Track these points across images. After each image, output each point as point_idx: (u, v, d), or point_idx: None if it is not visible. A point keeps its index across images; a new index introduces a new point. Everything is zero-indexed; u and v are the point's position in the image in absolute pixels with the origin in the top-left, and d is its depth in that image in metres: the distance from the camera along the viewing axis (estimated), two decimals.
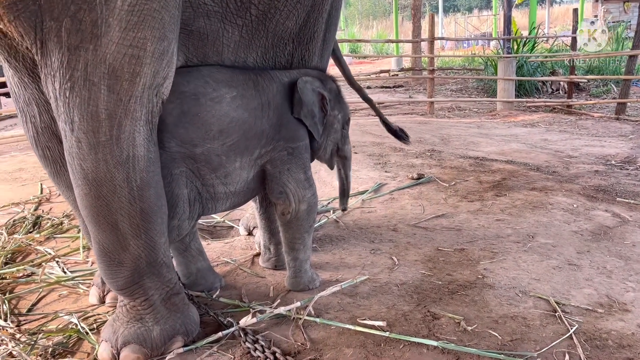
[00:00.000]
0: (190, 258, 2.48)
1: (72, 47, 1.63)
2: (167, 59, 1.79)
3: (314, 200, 2.42)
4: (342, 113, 2.58)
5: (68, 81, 1.66)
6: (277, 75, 2.34)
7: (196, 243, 2.51)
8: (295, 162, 2.34)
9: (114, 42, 1.66)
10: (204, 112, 2.08)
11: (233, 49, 2.18)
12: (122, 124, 1.73)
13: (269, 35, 2.26)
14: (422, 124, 7.00)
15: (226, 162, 2.15)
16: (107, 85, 1.68)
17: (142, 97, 1.76)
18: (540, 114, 8.16)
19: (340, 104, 2.57)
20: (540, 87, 10.23)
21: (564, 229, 3.15)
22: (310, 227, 2.45)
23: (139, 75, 1.72)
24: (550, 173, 4.43)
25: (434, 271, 2.64)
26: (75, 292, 2.58)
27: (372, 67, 16.90)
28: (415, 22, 13.75)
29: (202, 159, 2.10)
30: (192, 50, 2.07)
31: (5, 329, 2.18)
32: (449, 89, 11.46)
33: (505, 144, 5.66)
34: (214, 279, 2.54)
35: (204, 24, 2.03)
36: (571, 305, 2.28)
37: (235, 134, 2.14)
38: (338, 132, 2.58)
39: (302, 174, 2.36)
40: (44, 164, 2.16)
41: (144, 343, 1.95)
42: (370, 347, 2.00)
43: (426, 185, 4.11)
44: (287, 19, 2.26)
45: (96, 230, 1.86)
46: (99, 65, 1.66)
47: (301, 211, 2.38)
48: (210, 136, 2.09)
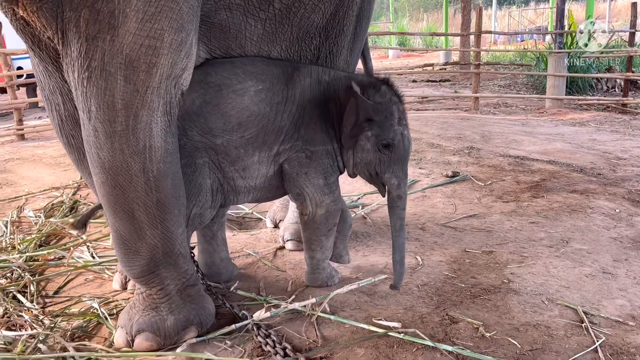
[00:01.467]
0: (215, 247, 2.51)
1: (90, 37, 1.66)
2: (185, 50, 1.79)
3: (334, 206, 2.32)
4: (377, 132, 2.20)
5: (86, 70, 1.69)
6: (317, 72, 2.26)
7: (222, 233, 2.55)
8: (314, 166, 2.24)
9: (131, 32, 1.67)
10: (224, 103, 2.09)
11: (256, 42, 2.17)
12: (139, 114, 1.74)
13: (294, 29, 2.23)
14: (464, 120, 6.82)
15: (244, 155, 2.15)
16: (123, 75, 1.69)
17: (160, 88, 1.76)
18: (592, 113, 7.81)
19: (380, 122, 2.19)
20: (595, 84, 9.78)
21: (602, 234, 3.00)
22: (328, 231, 2.37)
23: (156, 66, 1.73)
24: (594, 175, 4.23)
25: (458, 273, 2.56)
26: (101, 277, 2.65)
27: (419, 60, 16.63)
28: (465, 15, 13.38)
29: (222, 151, 2.12)
30: (214, 42, 2.08)
31: (30, 310, 2.26)
32: (497, 84, 11.12)
33: (549, 143, 5.44)
34: (233, 268, 2.59)
35: (225, 16, 2.03)
36: (600, 316, 2.16)
37: (254, 127, 2.13)
38: (369, 153, 2.23)
39: (322, 179, 2.27)
40: (68, 151, 2.22)
41: (157, 332, 1.97)
42: (382, 348, 1.95)
43: (461, 183, 4.01)
44: (312, 13, 2.23)
45: (114, 219, 1.89)
46: (116, 55, 1.67)
47: (318, 215, 2.31)
48: (229, 128, 2.10)
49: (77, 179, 4.30)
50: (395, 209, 2.26)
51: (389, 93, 2.22)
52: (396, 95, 2.25)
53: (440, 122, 6.61)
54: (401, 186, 2.25)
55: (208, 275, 2.47)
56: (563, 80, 8.45)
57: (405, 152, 2.25)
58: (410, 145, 2.27)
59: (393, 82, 2.28)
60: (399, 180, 2.25)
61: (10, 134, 6.74)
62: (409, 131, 2.28)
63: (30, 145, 6.17)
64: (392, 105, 2.21)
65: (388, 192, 2.27)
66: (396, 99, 2.23)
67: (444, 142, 5.42)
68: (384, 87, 2.22)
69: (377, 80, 2.28)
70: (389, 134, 2.19)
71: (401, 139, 2.22)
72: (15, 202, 3.90)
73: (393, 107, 2.20)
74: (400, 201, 2.25)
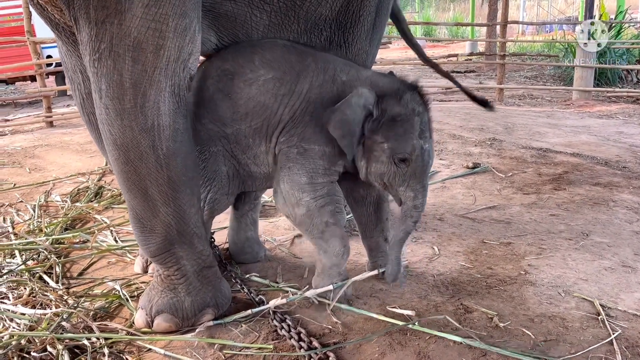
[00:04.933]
0: (242, 225, 2.59)
1: (99, 22, 1.73)
2: (189, 35, 1.85)
3: (315, 204, 2.12)
4: (393, 145, 2.04)
5: (96, 52, 1.77)
6: (335, 69, 2.15)
7: (254, 214, 2.61)
8: (301, 163, 2.11)
9: (138, 16, 1.74)
10: (234, 93, 2.12)
11: (262, 32, 2.21)
12: (147, 93, 1.80)
13: (301, 21, 2.26)
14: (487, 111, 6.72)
15: (253, 144, 2.17)
16: (131, 56, 1.76)
17: (167, 70, 1.82)
18: (620, 105, 7.64)
19: (397, 134, 2.03)
20: (624, 75, 9.54)
21: (624, 228, 2.96)
22: (321, 233, 2.14)
23: (163, 48, 1.79)
24: (619, 168, 4.15)
25: (475, 264, 2.56)
26: (123, 260, 2.73)
27: (445, 51, 16.43)
28: (492, 5, 13.16)
29: (233, 140, 2.16)
30: (222, 30, 2.15)
31: (55, 291, 2.34)
32: (524, 75, 10.93)
33: (574, 136, 5.36)
34: (259, 249, 2.65)
35: (231, 8, 2.09)
36: (617, 309, 2.14)
37: (259, 118, 2.13)
38: (384, 165, 2.07)
39: (305, 177, 2.11)
40: (89, 129, 2.31)
41: (175, 313, 2.03)
42: (395, 335, 1.97)
43: (481, 175, 3.98)
44: (319, 6, 2.26)
45: (129, 196, 1.96)
46: (124, 38, 1.75)
47: (299, 215, 2.13)
48: (237, 117, 2.13)
49: (103, 165, 4.40)
50: (406, 219, 2.09)
51: (413, 102, 2.04)
52: (422, 104, 2.07)
53: (463, 113, 6.55)
54: (418, 198, 2.08)
55: (233, 253, 2.57)
56: (591, 72, 8.26)
57: (425, 166, 2.07)
58: (431, 159, 2.09)
59: (421, 88, 2.11)
60: (416, 193, 2.08)
61: (40, 121, 6.91)
62: (431, 144, 2.09)
63: (58, 132, 6.32)
64: (414, 117, 2.03)
65: (403, 202, 2.12)
66: (420, 109, 2.05)
67: (465, 134, 5.37)
68: (407, 96, 2.05)
69: (402, 86, 2.09)
70: (407, 148, 2.02)
71: (420, 154, 2.03)
72: (43, 187, 4.02)
73: (415, 120, 2.03)
74: (415, 212, 2.08)
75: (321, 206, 2.13)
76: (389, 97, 2.04)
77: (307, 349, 1.89)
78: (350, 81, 2.13)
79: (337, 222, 2.17)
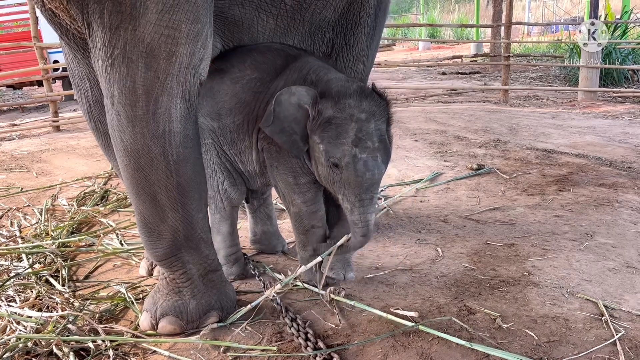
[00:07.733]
0: (257, 219, 2.73)
1: (113, 27, 1.74)
2: (201, 41, 1.86)
3: (306, 208, 2.23)
4: (326, 147, 2.00)
5: (109, 58, 1.77)
6: (309, 69, 2.16)
7: (266, 209, 2.73)
8: (282, 162, 2.19)
9: (152, 23, 1.74)
10: (222, 90, 2.23)
11: (268, 36, 2.23)
12: (159, 100, 1.82)
13: (306, 24, 2.28)
14: (492, 113, 6.73)
15: (237, 139, 2.27)
16: (144, 63, 1.77)
17: (179, 76, 1.83)
18: (626, 105, 7.60)
19: (330, 136, 1.99)
20: (630, 76, 9.50)
21: (628, 229, 2.95)
22: (306, 231, 2.28)
23: (175, 55, 1.80)
24: (624, 169, 4.14)
25: (478, 265, 2.56)
26: (129, 263, 2.75)
27: (450, 52, 16.42)
28: (496, 6, 13.13)
29: (220, 134, 2.28)
30: (228, 35, 2.15)
31: (61, 294, 2.37)
32: (529, 76, 10.90)
33: (579, 136, 5.34)
34: (277, 242, 2.79)
35: (238, 12, 2.11)
36: (621, 310, 2.14)
37: (240, 114, 2.23)
38: (324, 168, 2.04)
39: (291, 177, 2.20)
40: (96, 136, 2.33)
41: (180, 315, 2.05)
42: (398, 336, 1.98)
43: (485, 176, 3.98)
44: (324, 9, 2.27)
45: (137, 201, 1.97)
46: (137, 44, 1.75)
47: (292, 212, 2.29)
48: (223, 113, 2.24)
49: (108, 169, 4.43)
50: (353, 234, 2.08)
51: (354, 109, 1.98)
52: (370, 113, 1.99)
53: (467, 114, 6.55)
54: (355, 213, 2.01)
55: (251, 243, 2.76)
56: (597, 72, 8.23)
57: (359, 177, 1.97)
58: (367, 172, 1.97)
59: (374, 97, 2.05)
60: (352, 206, 2.01)
61: (46, 126, 6.98)
62: (372, 155, 1.97)
63: (64, 136, 6.38)
64: (350, 123, 1.97)
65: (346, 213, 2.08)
66: (362, 117, 1.98)
67: (470, 135, 5.37)
68: (348, 101, 1.99)
69: (351, 91, 2.02)
70: (336, 152, 1.98)
71: (351, 162, 1.96)
72: (50, 190, 4.06)
73: (349, 125, 1.97)
74: (356, 228, 2.04)
75: (312, 212, 2.26)
76: (328, 99, 2.02)
77: (313, 349, 1.91)
78: (316, 82, 2.12)
79: (322, 225, 2.32)
